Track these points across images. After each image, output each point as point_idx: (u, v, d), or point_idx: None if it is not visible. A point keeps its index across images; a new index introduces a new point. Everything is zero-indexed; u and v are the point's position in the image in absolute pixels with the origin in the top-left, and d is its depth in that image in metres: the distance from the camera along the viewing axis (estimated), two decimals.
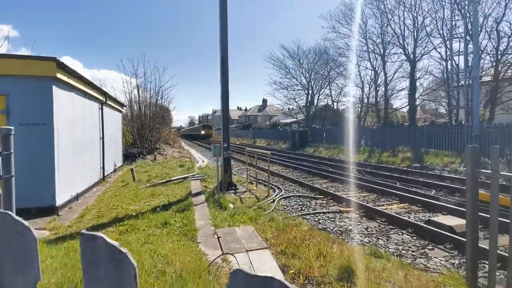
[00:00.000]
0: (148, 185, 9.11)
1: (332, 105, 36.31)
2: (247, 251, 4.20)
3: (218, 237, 4.75)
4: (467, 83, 16.44)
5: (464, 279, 2.89)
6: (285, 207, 7.65)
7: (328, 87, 34.56)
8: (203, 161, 17.78)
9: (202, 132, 58.89)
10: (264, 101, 77.68)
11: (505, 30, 17.54)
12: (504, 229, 3.98)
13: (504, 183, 7.71)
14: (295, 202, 8.06)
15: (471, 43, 16.95)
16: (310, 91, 36.71)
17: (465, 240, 4.95)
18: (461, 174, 11.69)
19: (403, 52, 22.55)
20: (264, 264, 3.81)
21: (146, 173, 11.59)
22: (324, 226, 6.08)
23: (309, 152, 24.73)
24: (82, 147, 8.83)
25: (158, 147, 20.58)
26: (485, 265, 3.67)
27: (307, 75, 36.01)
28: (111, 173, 12.59)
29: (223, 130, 9.06)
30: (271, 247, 4.35)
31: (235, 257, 3.75)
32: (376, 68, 25.28)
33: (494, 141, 13.52)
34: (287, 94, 38.22)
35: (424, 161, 14.82)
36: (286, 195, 8.70)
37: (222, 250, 4.24)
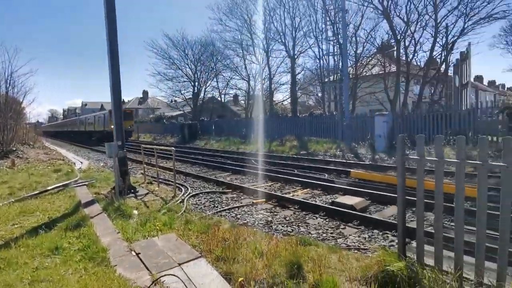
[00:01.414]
0: (13, 200, 6.99)
1: (219, 98, 36.76)
2: (179, 264, 3.64)
3: (137, 254, 3.98)
4: (335, 79, 19.31)
5: (396, 254, 3.24)
6: (197, 205, 7.19)
7: (215, 79, 34.78)
8: (81, 163, 15.11)
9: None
10: (145, 93, 72.18)
11: (362, 36, 21.40)
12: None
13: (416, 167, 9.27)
14: (206, 199, 7.69)
15: (337, 45, 19.96)
16: (197, 83, 36.16)
17: (366, 215, 5.75)
18: (339, 158, 13.65)
19: (284, 49, 24.72)
20: (205, 276, 3.37)
21: (5, 185, 8.90)
22: (244, 221, 5.96)
23: (200, 146, 24.37)
24: None
25: (14, 149, 16.26)
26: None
27: (193, 66, 35.32)
28: None
29: (116, 126, 7.76)
30: (205, 255, 3.92)
31: (179, 278, 3.17)
32: (261, 62, 26.90)
33: (360, 128, 16.37)
34: (172, 86, 36.63)
35: (309, 148, 16.67)
36: (194, 193, 8.20)
37: (148, 269, 3.55)
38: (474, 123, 12.92)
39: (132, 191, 7.82)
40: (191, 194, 8.03)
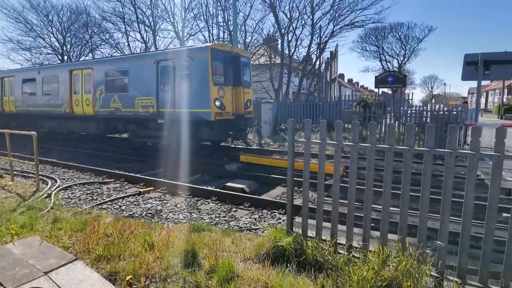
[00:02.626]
0: None
1: None
2: (46, 273, 2.98)
3: None
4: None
5: (285, 231, 3.48)
6: (69, 200, 6.13)
7: (90, 54, 30.17)
8: None
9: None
10: None
11: (251, 26, 22.17)
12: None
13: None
14: (82, 192, 6.63)
15: (227, 32, 20.15)
16: (66, 57, 30.65)
17: (255, 197, 6.04)
18: (229, 143, 13.97)
19: (173, 30, 23.33)
20: (82, 281, 2.87)
21: None
22: (130, 213, 5.41)
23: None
24: None
25: None
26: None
27: (61, 37, 29.69)
28: None
29: None
30: (82, 256, 3.34)
31: None
32: (147, 41, 24.72)
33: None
34: (31, 58, 29.98)
35: None
36: (65, 185, 6.96)
37: (2, 285, 2.77)
38: (340, 113, 15.28)
39: None
40: (61, 187, 6.79)
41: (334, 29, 20.82)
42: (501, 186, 2.64)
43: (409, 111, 13.31)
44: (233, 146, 12.77)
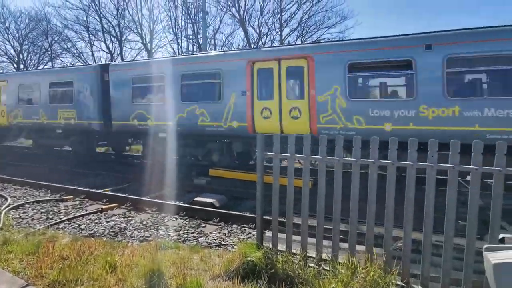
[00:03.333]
0: None
1: None
2: None
3: None
4: None
5: (255, 245, 3.43)
6: (21, 219, 5.64)
7: (50, 63, 28.67)
8: None
9: None
10: None
11: (220, 40, 22.38)
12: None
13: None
14: (35, 211, 6.13)
15: (196, 45, 20.14)
16: (22, 65, 28.88)
17: (225, 212, 5.93)
18: None
19: (140, 41, 22.89)
20: None
21: None
22: (90, 232, 5.07)
23: (30, 144, 19.54)
24: None
25: None
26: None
27: (17, 44, 28.01)
28: None
29: None
30: (34, 282, 3.05)
31: None
32: (113, 52, 23.99)
33: None
34: None
35: None
36: (17, 204, 6.41)
37: None
38: None
39: None
40: (12, 206, 6.24)
41: None
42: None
43: None
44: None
